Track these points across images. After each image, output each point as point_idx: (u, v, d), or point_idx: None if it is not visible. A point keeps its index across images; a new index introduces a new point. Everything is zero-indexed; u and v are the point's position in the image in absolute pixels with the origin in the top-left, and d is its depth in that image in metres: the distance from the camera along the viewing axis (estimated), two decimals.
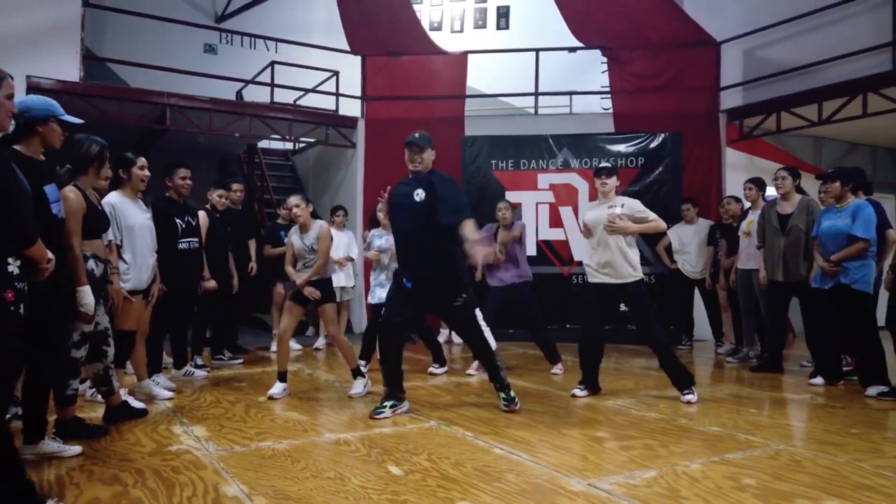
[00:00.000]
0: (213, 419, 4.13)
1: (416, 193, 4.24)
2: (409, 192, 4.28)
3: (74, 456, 3.29)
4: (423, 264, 4.26)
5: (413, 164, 4.30)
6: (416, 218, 4.23)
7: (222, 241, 6.19)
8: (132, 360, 4.63)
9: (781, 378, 5.75)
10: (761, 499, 2.74)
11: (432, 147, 4.34)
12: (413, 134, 4.35)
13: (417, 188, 4.25)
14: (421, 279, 4.27)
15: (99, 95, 8.16)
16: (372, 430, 3.86)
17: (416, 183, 4.29)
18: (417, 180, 4.31)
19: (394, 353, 4.36)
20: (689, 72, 9.22)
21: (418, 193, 4.23)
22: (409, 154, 4.31)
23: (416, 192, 4.24)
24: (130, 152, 4.56)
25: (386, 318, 4.43)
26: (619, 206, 4.82)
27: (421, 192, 4.22)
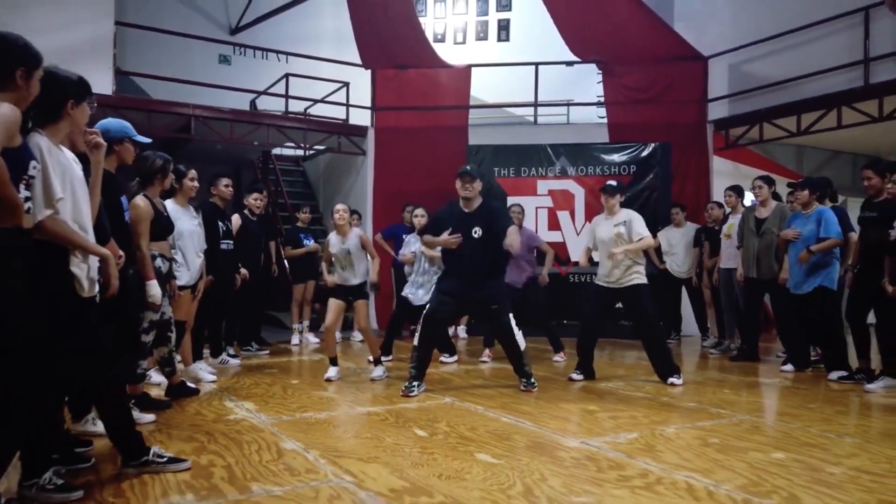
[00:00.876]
0: (257, 397, 4.75)
1: (474, 231, 4.98)
2: (466, 224, 4.98)
3: (149, 423, 3.90)
4: (469, 286, 5.03)
5: (465, 191, 5.03)
6: (474, 249, 4.94)
7: (256, 242, 6.82)
8: (180, 347, 5.24)
9: (757, 366, 6.39)
10: (721, 451, 3.38)
11: (480, 179, 5.13)
12: (465, 167, 5.17)
13: (475, 226, 4.98)
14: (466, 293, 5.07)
15: (130, 107, 8.78)
16: (396, 405, 4.49)
17: (472, 218, 5.01)
18: (473, 214, 5.02)
19: (432, 342, 5.14)
20: (679, 85, 9.87)
21: (476, 231, 4.99)
22: (462, 183, 5.03)
23: (474, 229, 4.98)
24: (183, 165, 5.19)
25: (432, 312, 5.05)
26: (623, 222, 5.55)
27: (479, 230, 4.99)
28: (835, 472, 3.06)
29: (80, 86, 2.85)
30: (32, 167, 2.34)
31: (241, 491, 2.76)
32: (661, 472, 3.03)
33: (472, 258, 4.97)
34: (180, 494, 2.71)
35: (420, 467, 3.08)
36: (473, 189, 5.04)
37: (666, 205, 8.63)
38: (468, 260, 4.98)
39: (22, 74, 2.36)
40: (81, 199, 2.73)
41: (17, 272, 2.23)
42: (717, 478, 2.95)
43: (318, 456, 3.26)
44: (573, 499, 2.68)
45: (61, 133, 2.75)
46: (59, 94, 2.73)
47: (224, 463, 3.13)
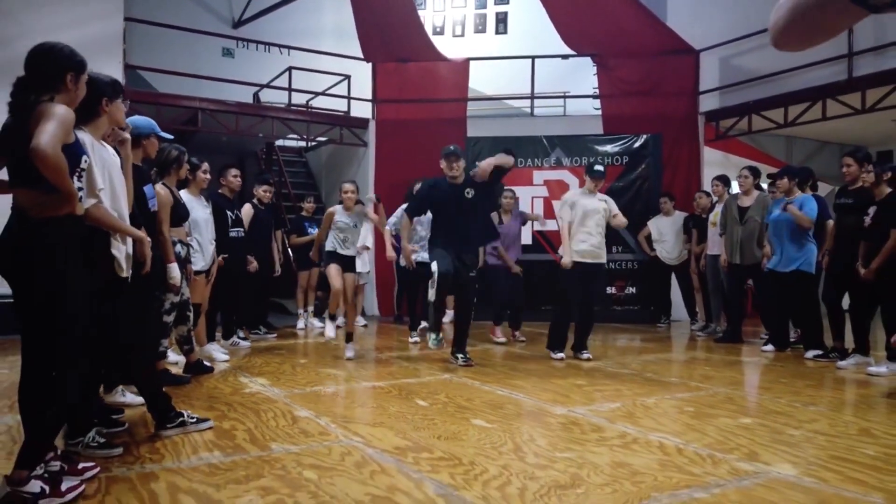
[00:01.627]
0: (269, 374, 5.10)
1: (466, 192, 5.44)
2: (457, 191, 5.45)
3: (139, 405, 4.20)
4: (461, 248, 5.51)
5: (452, 170, 5.47)
6: (467, 210, 5.45)
7: (266, 231, 7.15)
8: (196, 329, 5.58)
9: (740, 347, 6.74)
10: (695, 418, 3.72)
11: (465, 158, 5.59)
12: (449, 146, 5.55)
13: (467, 187, 5.43)
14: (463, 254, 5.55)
15: (139, 101, 9.07)
16: (399, 380, 4.84)
17: (462, 185, 5.46)
18: (463, 181, 5.45)
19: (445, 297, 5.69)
20: (671, 77, 10.16)
21: (469, 192, 5.44)
22: (447, 162, 5.46)
23: (466, 190, 5.44)
24: (195, 157, 5.51)
25: (444, 273, 5.41)
26: (605, 200, 6.01)
27: (471, 191, 5.45)
28: (794, 434, 3.41)
29: (113, 85, 3.16)
30: (84, 161, 2.66)
31: (262, 449, 3.10)
32: (638, 434, 3.38)
33: (466, 219, 5.47)
34: (208, 451, 3.05)
35: (421, 430, 3.43)
36: (459, 168, 5.46)
37: (657, 194, 8.95)
38: (461, 221, 5.45)
39: (71, 78, 2.67)
40: (119, 188, 3.06)
41: (75, 256, 2.55)
42: (686, 438, 3.30)
43: (330, 422, 3.61)
44: (557, 454, 3.03)
45: (101, 129, 3.07)
46: (96, 94, 3.04)
47: (245, 427, 3.48)
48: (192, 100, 9.48)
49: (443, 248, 5.52)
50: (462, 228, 5.50)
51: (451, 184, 5.53)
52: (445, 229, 5.57)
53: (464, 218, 5.49)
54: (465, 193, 5.48)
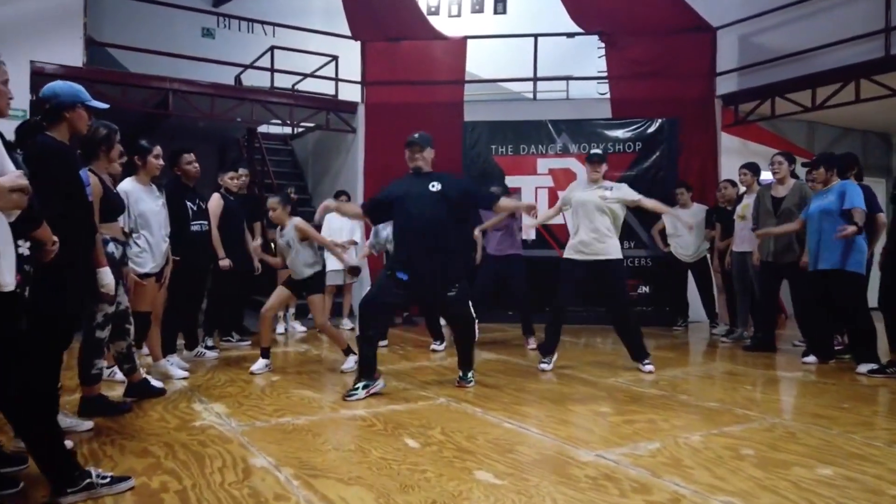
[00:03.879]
0: (231, 397, 4.28)
1: (431, 185, 4.39)
2: (420, 183, 4.42)
3: (86, 431, 3.42)
4: (424, 258, 4.33)
5: (414, 162, 4.46)
6: (432, 207, 4.33)
7: (238, 223, 6.32)
8: (147, 341, 4.77)
9: (774, 357, 5.94)
10: (759, 467, 2.92)
11: (432, 146, 4.52)
12: (412, 135, 4.52)
13: (431, 181, 4.41)
14: (419, 274, 4.33)
15: (102, 80, 8.20)
16: (385, 407, 4.02)
17: (426, 177, 4.44)
18: (427, 175, 4.47)
19: (374, 333, 4.40)
20: (686, 57, 9.32)
21: (434, 185, 4.39)
22: (410, 153, 4.47)
23: (430, 183, 4.39)
24: (146, 140, 4.67)
25: (371, 298, 4.39)
26: (609, 189, 5.21)
27: (437, 184, 4.39)
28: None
29: None
30: None
31: None
32: (695, 495, 2.58)
33: (429, 217, 4.30)
34: None
35: (410, 491, 2.62)
36: (424, 158, 4.46)
37: (673, 184, 8.14)
38: (423, 220, 4.30)
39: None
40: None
41: None
42: (761, 502, 2.50)
43: (291, 476, 2.79)
44: None
45: None
46: None
47: (178, 487, 2.66)
48: (163, 80, 8.60)
49: (395, 265, 4.42)
50: (426, 232, 4.31)
51: (414, 176, 4.49)
52: (402, 235, 4.47)
53: (427, 218, 4.30)
54: (429, 185, 4.37)
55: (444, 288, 4.40)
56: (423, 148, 4.45)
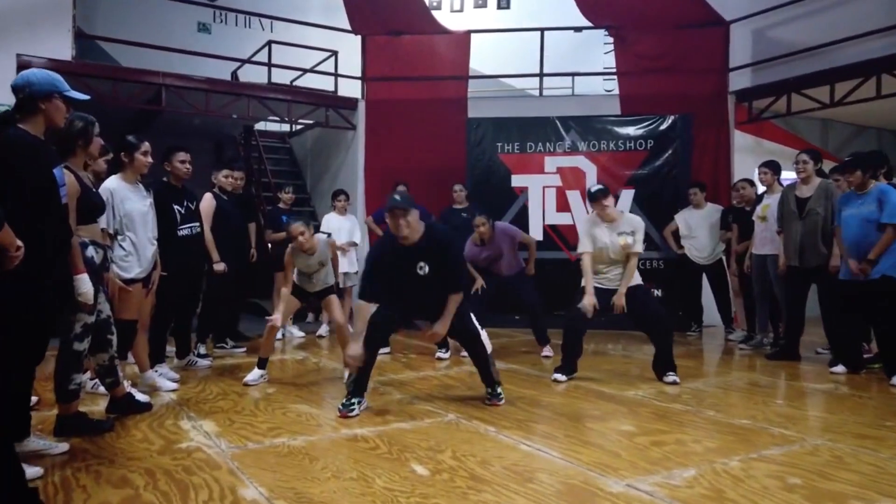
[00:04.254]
0: (222, 413, 3.95)
1: (419, 267, 4.06)
2: (407, 260, 4.06)
3: (60, 454, 3.10)
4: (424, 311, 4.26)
5: (398, 231, 3.99)
6: (421, 288, 4.09)
7: (232, 224, 6.00)
8: (134, 350, 4.45)
9: (798, 366, 5.62)
10: (812, 500, 2.60)
11: (415, 207, 4.09)
12: (393, 197, 4.07)
13: (419, 261, 4.06)
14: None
15: (92, 75, 7.88)
16: (389, 426, 3.70)
17: (415, 252, 4.05)
18: (417, 248, 4.05)
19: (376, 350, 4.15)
20: (697, 52, 8.99)
21: (422, 267, 4.06)
22: (393, 220, 3.98)
23: (418, 265, 4.06)
24: (133, 136, 4.34)
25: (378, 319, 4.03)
26: (630, 232, 5.02)
27: (425, 266, 4.06)
28: None
29: None
30: None
31: None
32: None
33: (420, 299, 4.14)
34: None
35: None
36: (410, 224, 3.98)
37: (686, 183, 7.82)
38: (415, 301, 4.16)
39: None
40: None
41: None
42: None
43: None
44: None
45: None
46: None
47: None
48: (155, 74, 8.26)
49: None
50: (419, 308, 4.25)
51: (401, 247, 4.06)
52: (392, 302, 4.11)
53: (419, 300, 4.14)
54: (417, 268, 4.05)
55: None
56: (408, 212, 3.98)
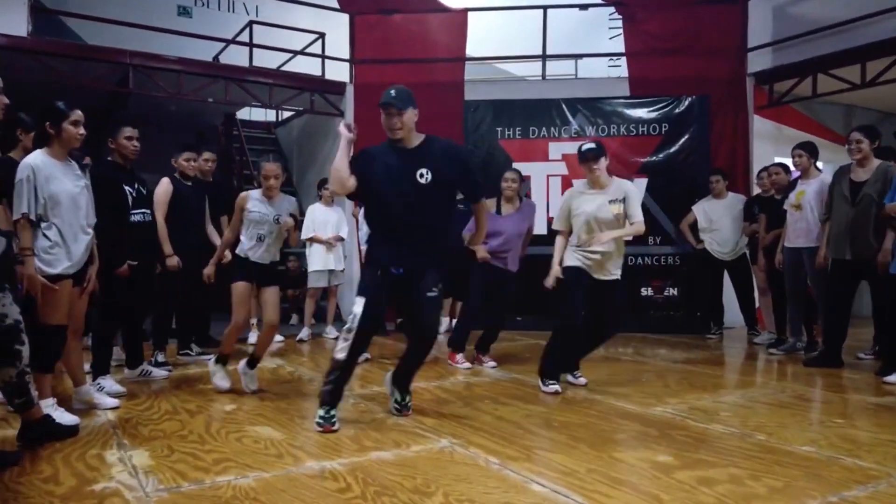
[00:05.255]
0: (163, 438, 3.22)
1: (418, 174, 3.36)
2: (404, 166, 3.38)
3: None
4: (417, 254, 3.46)
5: (393, 133, 3.37)
6: (423, 205, 3.39)
7: (192, 214, 5.27)
8: (65, 361, 3.72)
9: (843, 374, 4.91)
10: None
11: (414, 105, 3.41)
12: (388, 91, 3.39)
13: (420, 167, 3.37)
14: (413, 266, 3.46)
15: (50, 53, 7.17)
16: (366, 456, 2.98)
17: (415, 155, 3.40)
18: (418, 151, 3.42)
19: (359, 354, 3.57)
20: (713, 31, 8.29)
21: (423, 175, 3.36)
22: (387, 118, 3.36)
23: (418, 171, 3.36)
24: (63, 102, 3.62)
25: (375, 315, 3.47)
26: (621, 199, 4.23)
27: (427, 174, 3.37)
28: None
29: None
30: None
31: None
32: None
33: (416, 215, 3.39)
34: None
35: None
36: (405, 125, 3.35)
37: (705, 171, 7.12)
38: (409, 218, 3.38)
39: None
40: None
41: None
42: None
43: None
44: None
45: None
46: None
47: None
48: (122, 53, 7.54)
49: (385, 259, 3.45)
50: (415, 231, 3.42)
51: (395, 149, 3.43)
52: (385, 227, 3.48)
53: (416, 217, 3.39)
54: (417, 175, 3.37)
55: (425, 286, 3.48)
56: (404, 110, 3.34)
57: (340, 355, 3.38)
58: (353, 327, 3.35)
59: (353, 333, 3.34)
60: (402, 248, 3.42)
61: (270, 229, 4.16)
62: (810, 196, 5.45)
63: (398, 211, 3.38)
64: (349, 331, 3.35)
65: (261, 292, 4.24)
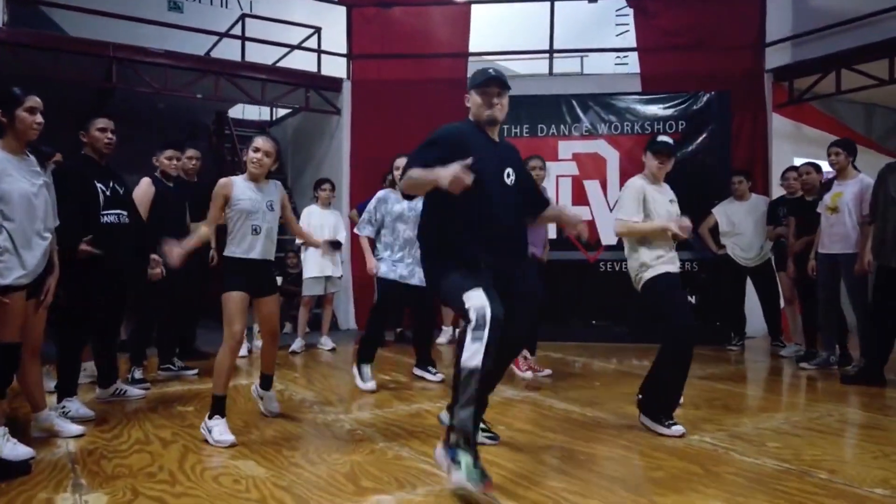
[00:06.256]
0: (128, 477, 2.76)
1: (506, 174, 2.92)
2: (496, 157, 2.91)
3: None
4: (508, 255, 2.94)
5: (491, 109, 2.87)
6: (506, 203, 2.91)
7: (174, 216, 4.82)
8: (22, 382, 3.27)
9: (888, 394, 4.47)
10: None
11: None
12: (486, 69, 2.95)
13: (506, 166, 2.93)
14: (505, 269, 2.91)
15: (27, 45, 6.72)
16: (364, 499, 2.53)
17: (502, 152, 2.98)
18: (502, 147, 3.01)
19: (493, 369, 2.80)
20: (729, 26, 7.90)
21: (509, 175, 2.94)
22: (486, 98, 2.88)
23: (506, 171, 2.92)
24: (19, 88, 3.17)
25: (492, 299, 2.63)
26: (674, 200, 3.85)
27: (512, 175, 2.95)
28: None
29: None
30: None
31: None
32: None
33: (506, 217, 2.90)
34: None
35: None
36: (504, 108, 2.91)
37: (724, 172, 6.69)
38: (501, 220, 2.87)
39: None
40: None
41: None
42: None
43: None
44: None
45: None
46: None
47: None
48: (105, 46, 7.08)
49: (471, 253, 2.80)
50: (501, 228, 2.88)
51: (487, 138, 2.94)
52: (476, 218, 2.81)
53: (506, 220, 2.90)
54: (504, 175, 2.91)
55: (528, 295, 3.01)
56: (504, 90, 2.90)
57: (473, 362, 2.54)
58: (483, 322, 2.57)
59: (487, 329, 2.56)
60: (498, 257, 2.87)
61: (266, 217, 3.50)
62: (848, 198, 5.01)
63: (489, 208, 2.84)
64: (479, 328, 2.57)
65: (258, 304, 3.55)
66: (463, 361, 2.57)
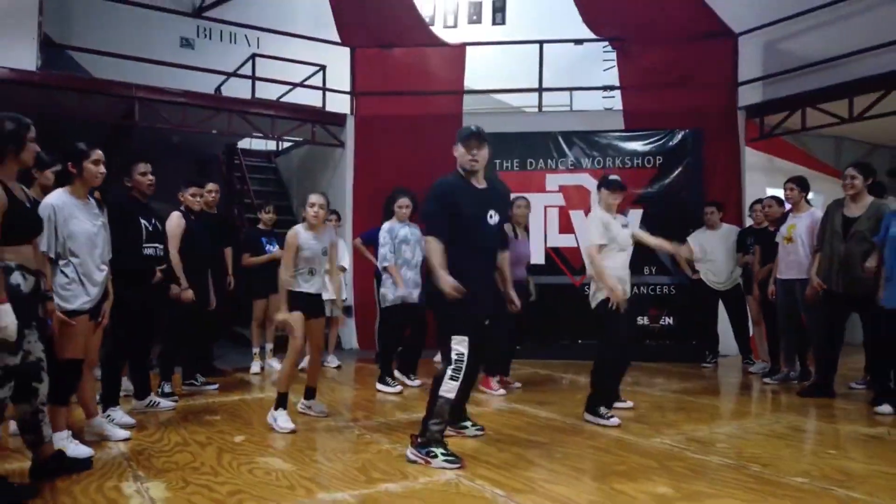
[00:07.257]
0: (177, 470, 3.31)
1: (489, 216, 3.60)
2: (483, 202, 3.58)
3: None
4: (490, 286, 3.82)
5: (474, 163, 3.54)
6: (490, 241, 3.67)
7: (200, 247, 5.39)
8: (79, 394, 3.81)
9: (835, 404, 5.04)
10: None
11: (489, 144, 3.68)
12: (469, 126, 3.65)
13: (489, 209, 3.60)
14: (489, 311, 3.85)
15: (58, 87, 7.32)
16: (375, 487, 3.08)
17: (487, 196, 3.61)
18: (488, 192, 3.64)
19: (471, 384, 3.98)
20: (705, 66, 8.54)
21: (492, 216, 3.61)
22: (467, 148, 3.54)
23: (489, 213, 3.59)
24: (84, 143, 3.75)
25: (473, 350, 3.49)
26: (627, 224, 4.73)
27: (495, 216, 3.62)
28: None
29: None
30: None
31: None
32: None
33: (488, 259, 3.71)
34: None
35: None
36: (483, 158, 3.58)
37: (699, 202, 7.28)
38: (483, 253, 3.65)
39: None
40: None
41: None
42: None
43: None
44: None
45: None
46: None
47: None
48: (127, 87, 7.70)
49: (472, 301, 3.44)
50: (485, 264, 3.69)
51: (474, 189, 3.59)
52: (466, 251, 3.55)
53: (486, 253, 3.68)
54: (488, 217, 3.57)
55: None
56: (484, 144, 3.57)
57: (449, 395, 3.43)
58: (461, 367, 3.42)
59: (462, 374, 3.43)
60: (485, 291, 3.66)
61: (320, 261, 4.36)
62: (801, 230, 5.60)
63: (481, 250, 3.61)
64: (457, 371, 3.41)
65: (309, 325, 4.33)
66: (441, 393, 3.43)
